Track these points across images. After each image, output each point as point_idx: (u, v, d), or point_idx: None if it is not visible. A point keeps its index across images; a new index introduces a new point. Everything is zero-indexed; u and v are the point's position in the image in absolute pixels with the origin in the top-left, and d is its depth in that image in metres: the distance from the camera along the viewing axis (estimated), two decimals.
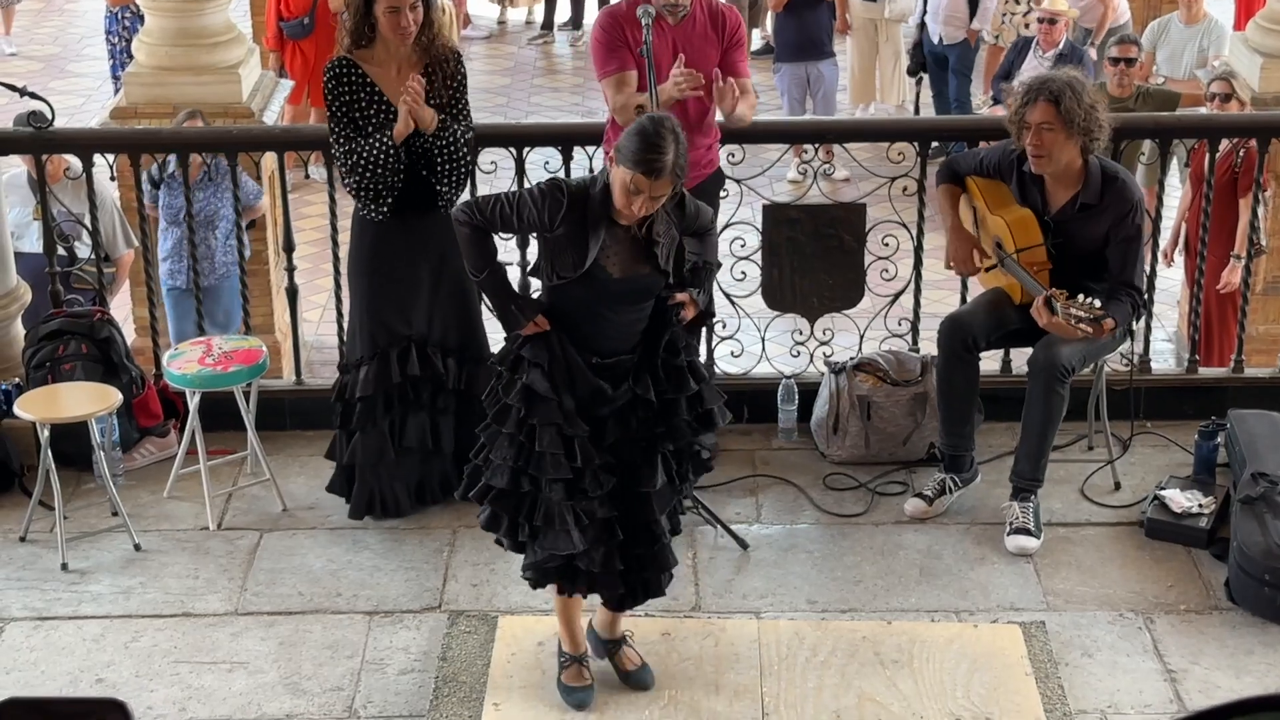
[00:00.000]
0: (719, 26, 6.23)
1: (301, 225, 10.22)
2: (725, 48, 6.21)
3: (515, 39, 16.07)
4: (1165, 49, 11.30)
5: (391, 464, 6.14)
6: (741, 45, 6.30)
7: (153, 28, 9.04)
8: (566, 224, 4.83)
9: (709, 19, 6.23)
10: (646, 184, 4.70)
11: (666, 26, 6.14)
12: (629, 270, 4.88)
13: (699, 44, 6.16)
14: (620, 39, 6.13)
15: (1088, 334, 5.71)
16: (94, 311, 6.74)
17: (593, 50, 6.28)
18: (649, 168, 4.68)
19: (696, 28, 6.19)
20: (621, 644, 5.35)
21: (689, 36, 6.16)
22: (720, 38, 6.22)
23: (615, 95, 6.12)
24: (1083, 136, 5.83)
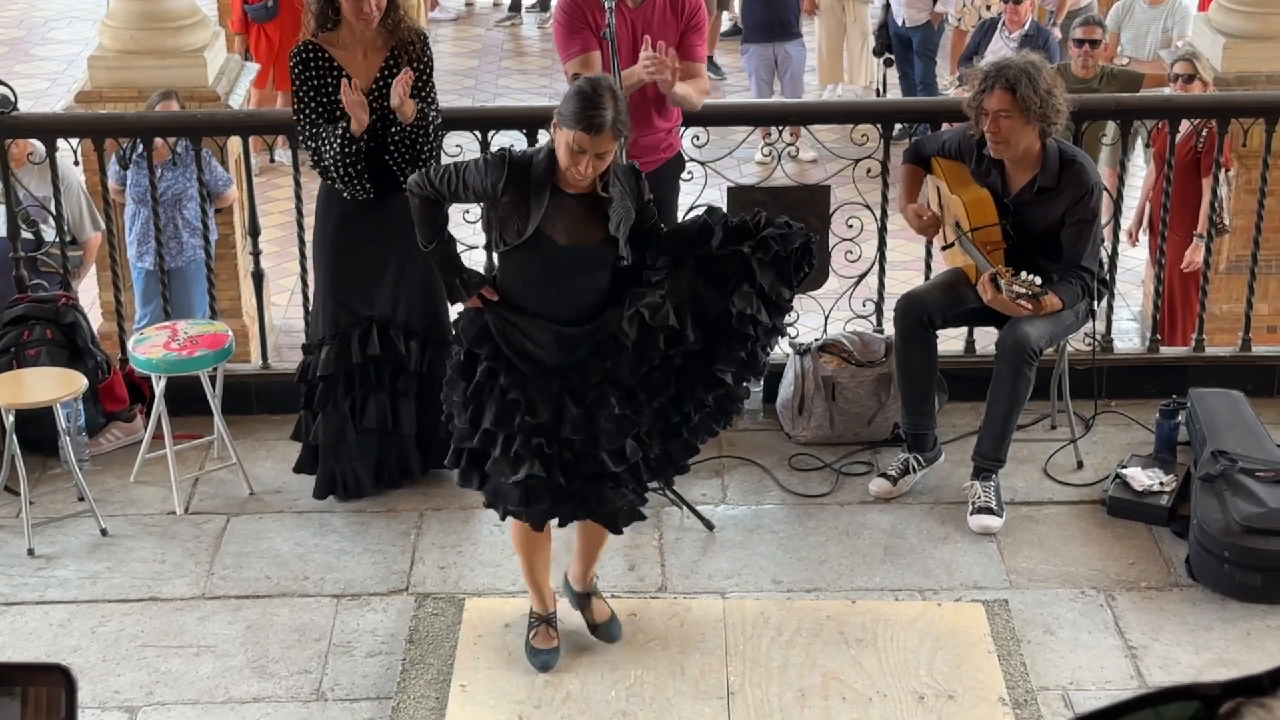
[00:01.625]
0: (678, 9, 6.25)
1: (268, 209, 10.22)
2: (683, 30, 6.23)
3: (483, 21, 16.04)
4: (1130, 30, 11.34)
5: (352, 444, 6.16)
6: (700, 29, 6.30)
7: (117, 11, 9.01)
8: (510, 191, 4.89)
9: (669, 2, 6.24)
10: (589, 140, 4.76)
11: (626, 9, 6.15)
12: (576, 239, 4.92)
13: (658, 26, 6.17)
14: (582, 21, 6.14)
15: (1028, 310, 5.78)
16: (59, 296, 6.73)
17: (555, 34, 6.29)
18: (589, 124, 4.74)
19: (656, 10, 6.20)
20: (591, 596, 5.42)
21: (648, 19, 6.18)
22: (679, 20, 6.23)
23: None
24: (1040, 122, 5.87)
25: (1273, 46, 9.09)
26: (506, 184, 4.88)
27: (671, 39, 6.16)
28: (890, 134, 6.82)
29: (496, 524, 6.12)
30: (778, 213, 5.19)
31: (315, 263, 6.20)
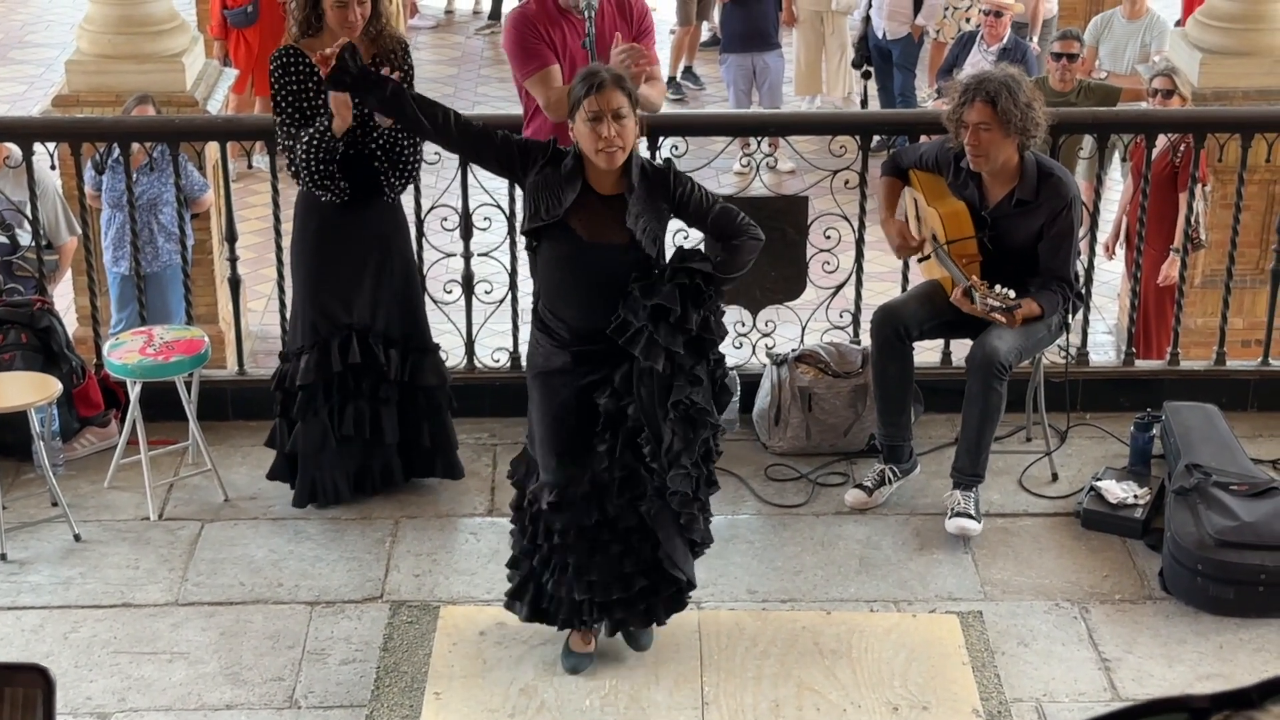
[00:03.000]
0: (627, 15, 6.26)
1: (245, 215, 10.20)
2: (635, 36, 6.23)
3: (462, 28, 16.03)
4: (1108, 44, 11.38)
5: (333, 453, 6.14)
6: (649, 33, 6.31)
7: (95, 15, 8.99)
8: (543, 172, 5.01)
9: (616, 8, 6.24)
10: (598, 101, 4.88)
11: (574, 20, 6.15)
12: (600, 236, 4.99)
13: (608, 32, 6.16)
14: (536, 36, 6.13)
15: (1002, 322, 5.80)
16: (34, 300, 6.70)
17: (510, 53, 6.26)
18: (590, 85, 4.90)
19: (605, 18, 6.20)
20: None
21: (599, 27, 6.17)
22: (630, 25, 6.24)
23: (546, 92, 6.11)
24: (1020, 135, 5.89)
25: (1249, 62, 9.13)
26: (547, 161, 5.02)
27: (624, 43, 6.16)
28: (869, 145, 6.83)
29: (472, 532, 6.12)
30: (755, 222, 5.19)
31: (294, 270, 6.19)
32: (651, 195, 5.01)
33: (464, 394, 6.62)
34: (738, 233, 5.06)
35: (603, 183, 5.02)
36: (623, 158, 4.97)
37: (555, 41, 6.09)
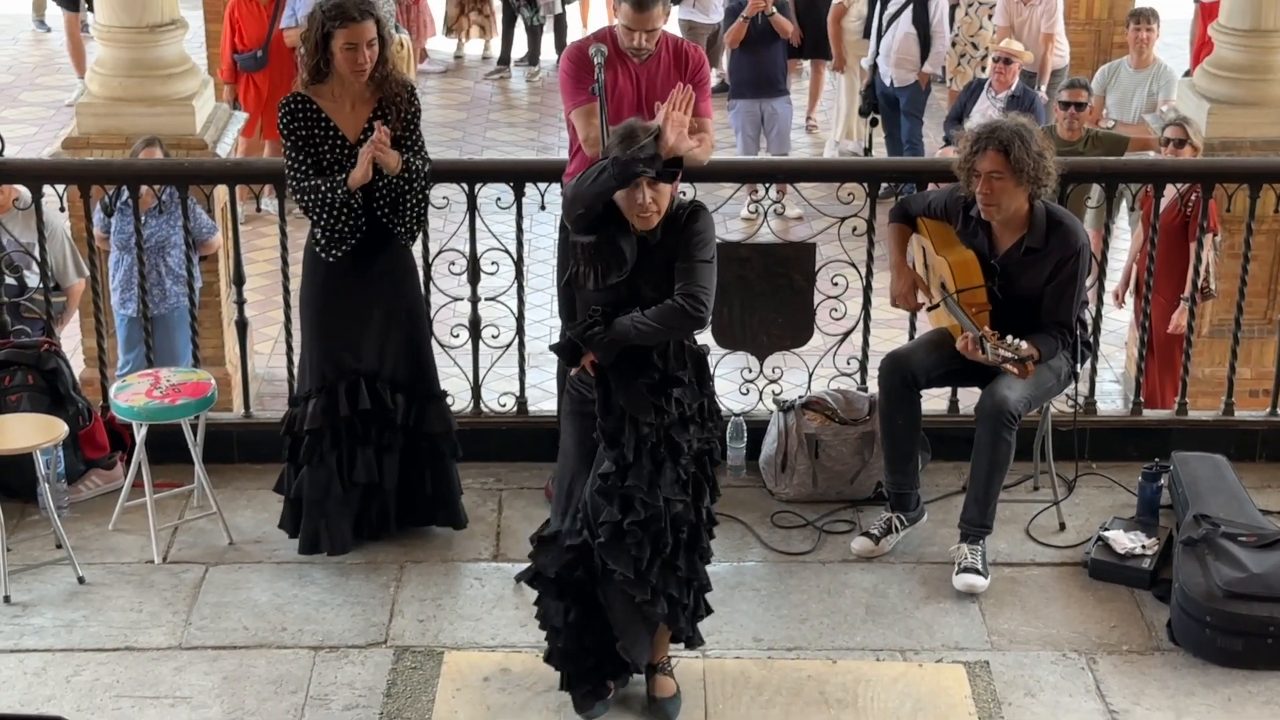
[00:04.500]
0: (682, 65, 6.26)
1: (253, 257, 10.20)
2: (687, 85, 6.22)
3: (472, 73, 16.08)
4: (1115, 93, 11.40)
5: (338, 500, 6.12)
6: (704, 85, 6.30)
7: (106, 58, 9.02)
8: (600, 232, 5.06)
9: (673, 57, 6.25)
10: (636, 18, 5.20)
11: (631, 64, 6.17)
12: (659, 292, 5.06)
13: (662, 82, 6.17)
14: (588, 71, 6.13)
15: (1014, 373, 5.79)
16: (41, 342, 6.70)
17: (562, 83, 6.29)
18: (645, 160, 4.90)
19: (660, 66, 6.21)
20: (658, 670, 5.37)
21: (653, 75, 6.19)
22: (683, 76, 6.24)
23: (586, 127, 6.13)
24: (1031, 184, 5.89)
25: (1257, 113, 9.14)
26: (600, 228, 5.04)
27: None
28: (876, 193, 6.83)
29: (477, 577, 6.10)
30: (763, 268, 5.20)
31: (301, 315, 6.18)
32: (667, 236, 5.05)
33: (470, 439, 6.61)
34: (684, 293, 5.02)
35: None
36: (657, 220, 5.02)
37: (606, 79, 6.07)
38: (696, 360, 5.15)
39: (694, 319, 5.01)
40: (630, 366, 5.03)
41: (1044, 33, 12.52)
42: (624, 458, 5.03)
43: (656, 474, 5.05)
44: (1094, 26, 13.97)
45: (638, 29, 6.08)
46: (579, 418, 5.20)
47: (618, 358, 5.03)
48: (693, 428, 5.11)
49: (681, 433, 5.07)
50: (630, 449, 5.02)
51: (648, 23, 6.07)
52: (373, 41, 5.86)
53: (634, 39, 6.09)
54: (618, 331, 5.00)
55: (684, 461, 5.09)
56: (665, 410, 5.04)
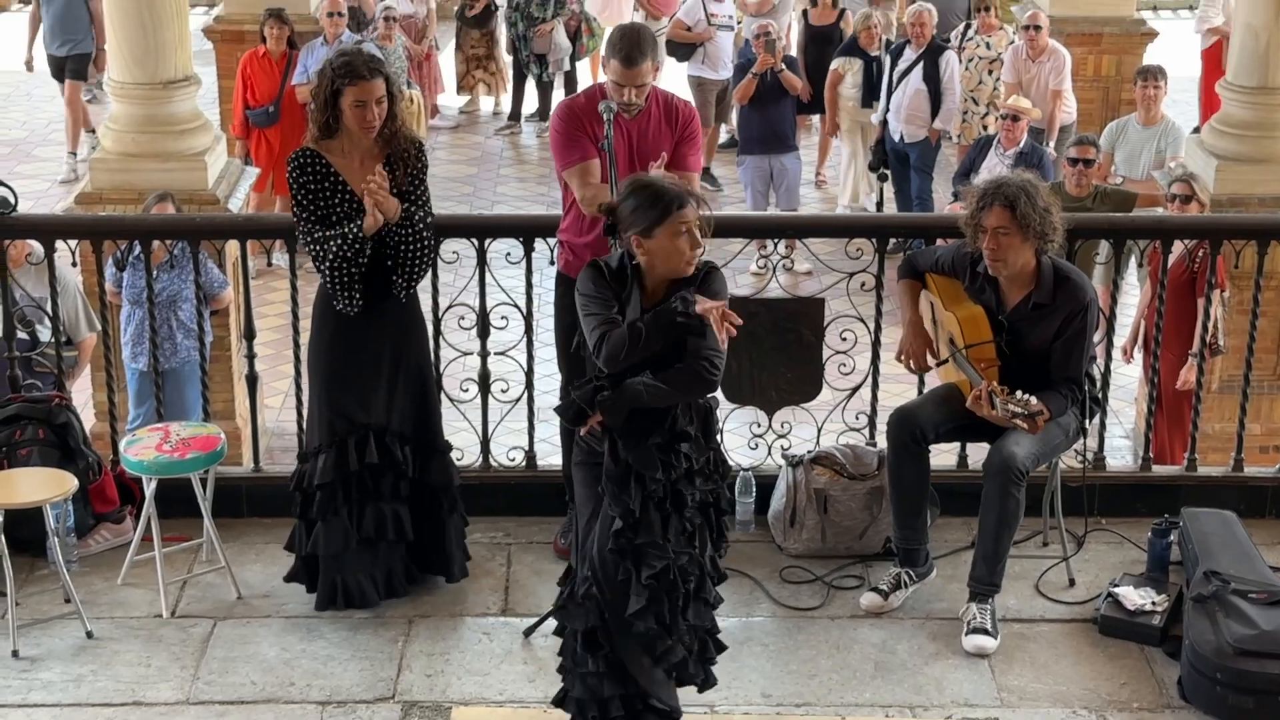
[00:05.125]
0: (673, 120, 6.30)
1: (264, 312, 10.24)
2: (677, 140, 6.28)
3: (483, 129, 16.17)
4: (1123, 149, 11.43)
5: (355, 554, 6.12)
6: (694, 139, 6.35)
7: (120, 114, 9.08)
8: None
9: (663, 113, 6.30)
10: (684, 216, 5.01)
11: (622, 120, 6.20)
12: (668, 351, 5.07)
13: (653, 137, 6.22)
14: (580, 130, 6.19)
15: (1024, 428, 5.79)
16: (52, 396, 6.72)
17: (553, 142, 6.34)
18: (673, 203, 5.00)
19: (651, 121, 6.25)
20: None
21: (644, 129, 6.23)
22: (674, 131, 6.29)
23: (581, 186, 6.17)
24: (1038, 239, 5.92)
25: (1265, 169, 9.16)
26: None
27: (666, 149, 6.21)
28: (885, 248, 6.85)
29: (485, 632, 6.09)
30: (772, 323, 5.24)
31: (310, 369, 6.20)
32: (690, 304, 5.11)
33: (479, 493, 6.61)
34: (698, 356, 5.04)
35: (656, 294, 5.12)
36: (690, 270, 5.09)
37: (599, 137, 6.12)
38: (703, 415, 5.16)
39: (707, 383, 5.04)
40: (638, 425, 5.05)
41: (1052, 89, 12.58)
42: (631, 514, 5.04)
43: (665, 527, 5.05)
44: (1102, 83, 14.02)
45: (627, 84, 6.11)
46: (588, 468, 5.22)
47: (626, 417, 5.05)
48: (699, 479, 5.12)
49: (688, 486, 5.08)
50: (637, 504, 5.03)
51: (636, 78, 6.11)
52: (381, 99, 5.91)
53: (624, 94, 6.12)
54: (627, 395, 5.02)
55: (689, 513, 5.10)
56: (673, 466, 5.05)
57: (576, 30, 15.77)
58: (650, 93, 6.22)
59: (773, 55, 12.47)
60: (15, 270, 7.21)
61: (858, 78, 13.09)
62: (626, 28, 6.28)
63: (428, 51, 15.49)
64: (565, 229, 6.39)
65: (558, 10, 15.51)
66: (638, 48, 6.08)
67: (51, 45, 14.48)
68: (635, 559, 5.05)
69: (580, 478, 5.29)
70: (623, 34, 6.17)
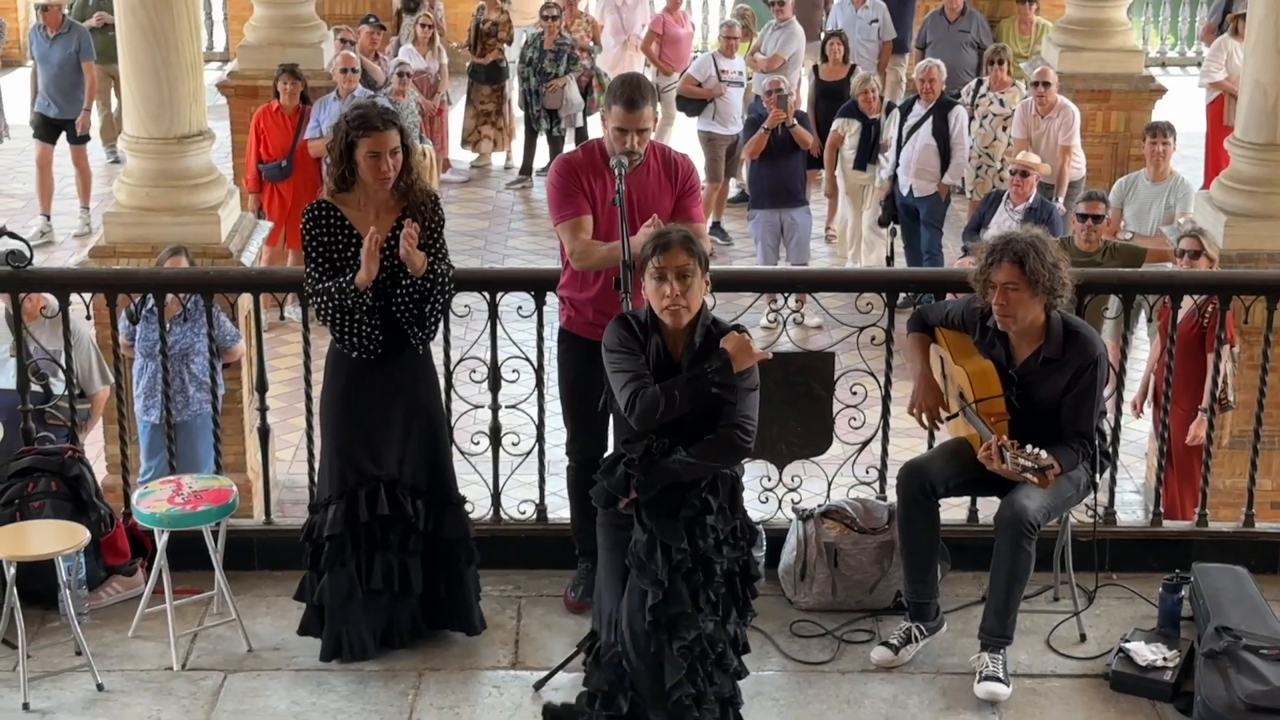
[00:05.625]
0: (672, 174, 6.35)
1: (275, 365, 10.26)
2: (678, 194, 6.32)
3: (494, 183, 16.24)
4: (1132, 205, 11.46)
5: (359, 605, 6.12)
6: (694, 192, 6.40)
7: (134, 169, 9.14)
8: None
9: (662, 166, 6.34)
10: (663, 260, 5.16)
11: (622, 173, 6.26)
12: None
13: (653, 191, 6.27)
14: (576, 186, 6.24)
15: (1034, 482, 5.80)
16: (65, 449, 6.75)
17: (549, 196, 6.37)
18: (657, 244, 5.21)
19: (651, 176, 6.29)
20: None
21: (643, 184, 6.27)
22: (674, 184, 6.33)
23: (572, 240, 6.22)
24: (1047, 295, 5.94)
25: (1274, 225, 9.18)
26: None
27: (667, 203, 6.26)
28: (895, 303, 6.88)
29: (496, 685, 6.09)
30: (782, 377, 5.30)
31: (322, 421, 6.22)
32: (703, 349, 5.18)
33: (489, 546, 6.62)
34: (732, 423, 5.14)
35: (677, 345, 5.20)
36: (688, 316, 5.14)
37: (595, 192, 6.17)
38: (730, 484, 5.21)
39: (741, 451, 5.16)
40: (666, 499, 5.09)
41: (1061, 145, 12.63)
42: (660, 584, 5.06)
43: (695, 597, 5.09)
44: (1111, 139, 14.08)
45: (630, 128, 6.15)
46: (613, 530, 5.28)
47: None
48: (725, 549, 5.16)
49: (716, 555, 5.12)
50: (664, 575, 5.06)
51: (638, 121, 6.15)
52: (396, 150, 5.95)
53: (626, 141, 6.16)
54: (662, 475, 5.09)
55: (716, 582, 5.14)
56: (700, 538, 5.08)
57: (588, 85, 15.86)
58: (649, 147, 6.26)
59: (784, 110, 12.54)
60: (30, 323, 7.25)
61: (855, 139, 13.13)
62: (625, 75, 6.38)
63: (440, 107, 15.58)
64: (565, 284, 6.42)
65: (570, 66, 15.60)
66: (639, 91, 6.15)
67: (44, 106, 14.39)
68: (668, 630, 5.09)
69: (604, 540, 5.33)
70: (623, 81, 6.25)
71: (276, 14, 13.83)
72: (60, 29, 14.30)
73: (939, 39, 15.64)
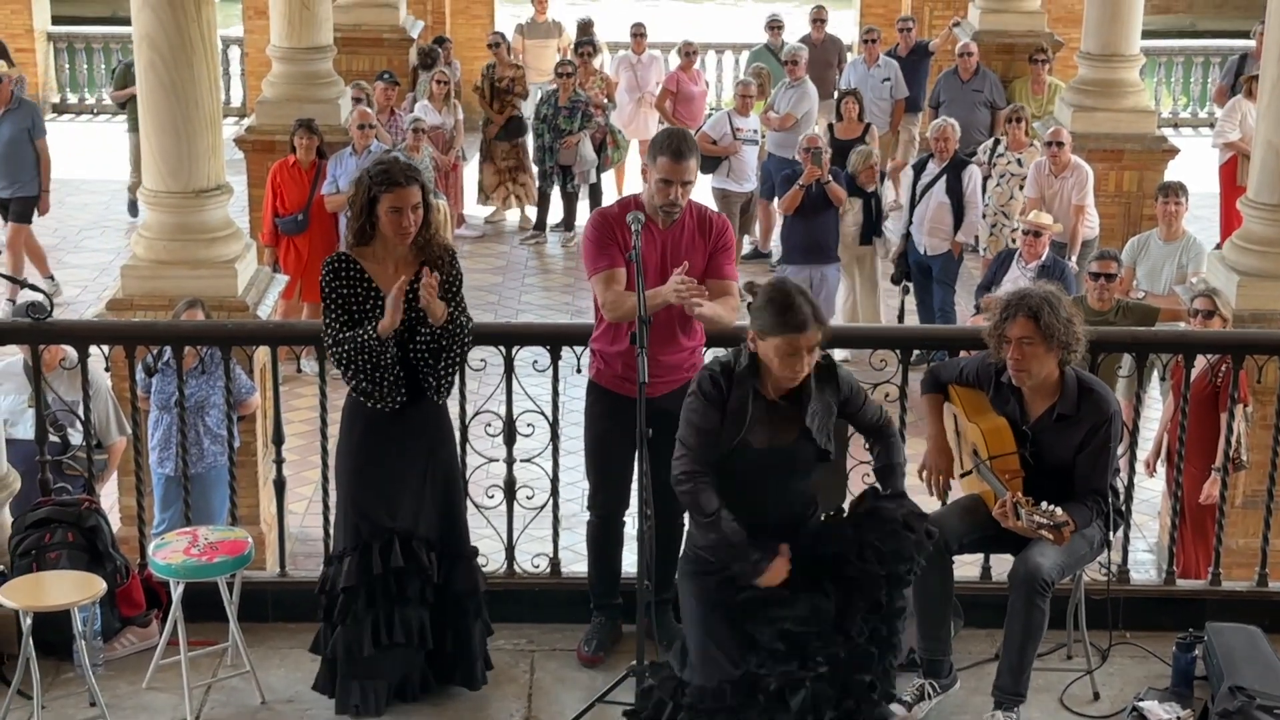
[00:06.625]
0: (706, 232, 6.40)
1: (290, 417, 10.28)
2: (711, 251, 6.37)
3: (508, 238, 16.31)
4: (1145, 264, 11.49)
5: (372, 659, 6.12)
6: (728, 249, 6.45)
7: (152, 222, 9.20)
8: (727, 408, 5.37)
9: (697, 224, 6.39)
10: (798, 341, 5.27)
11: (656, 231, 6.30)
12: (773, 441, 5.41)
13: (686, 248, 6.31)
14: (611, 239, 6.28)
15: (1049, 539, 5.81)
16: (82, 500, 6.77)
17: (584, 249, 6.43)
18: (792, 325, 5.29)
19: (685, 232, 6.34)
20: None
21: (677, 241, 6.32)
22: (707, 242, 6.38)
23: (605, 292, 6.26)
24: (1061, 350, 5.96)
25: None
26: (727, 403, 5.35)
27: (700, 259, 6.30)
28: (909, 360, 6.90)
29: None
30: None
31: (338, 473, 6.25)
32: (822, 392, 5.46)
33: (503, 599, 6.63)
34: (885, 434, 5.66)
35: (772, 393, 5.42)
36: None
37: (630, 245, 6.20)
38: None
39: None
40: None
41: (1075, 204, 12.67)
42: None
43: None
44: (1123, 199, 14.12)
45: (675, 180, 6.21)
46: (698, 578, 5.49)
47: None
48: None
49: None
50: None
51: (684, 173, 6.22)
52: (417, 205, 6.00)
53: (670, 193, 6.22)
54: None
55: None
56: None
57: (602, 143, 15.94)
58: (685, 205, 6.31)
59: (819, 167, 12.55)
60: (48, 374, 7.29)
61: (858, 216, 13.09)
62: (671, 129, 6.53)
63: (454, 162, 15.67)
64: (597, 337, 6.46)
65: (584, 123, 15.69)
66: (685, 143, 6.27)
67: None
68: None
69: (688, 588, 5.54)
70: (669, 134, 6.37)
71: (294, 70, 13.93)
72: (10, 104, 13.84)
73: (952, 98, 15.74)
